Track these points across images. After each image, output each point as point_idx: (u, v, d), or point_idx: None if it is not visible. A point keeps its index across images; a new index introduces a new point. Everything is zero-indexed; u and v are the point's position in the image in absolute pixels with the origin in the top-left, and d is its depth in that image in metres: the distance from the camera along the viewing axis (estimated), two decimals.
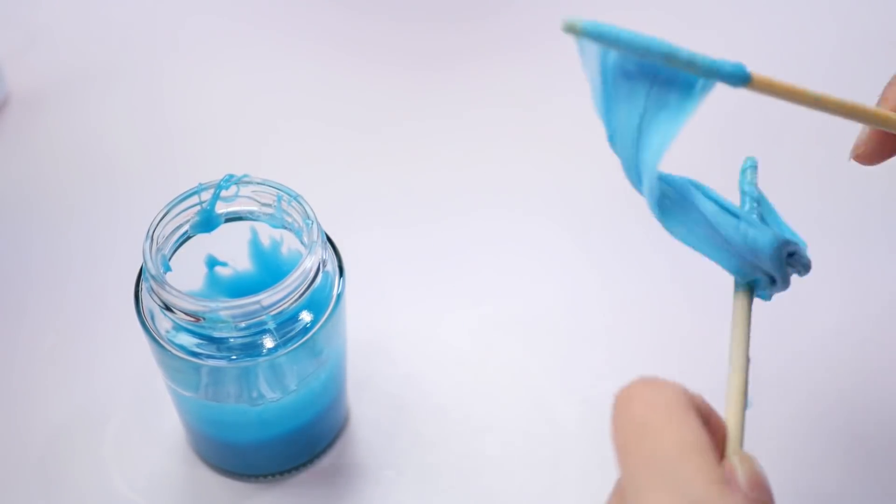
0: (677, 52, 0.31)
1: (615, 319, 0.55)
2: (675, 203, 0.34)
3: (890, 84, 0.39)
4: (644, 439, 0.28)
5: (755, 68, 0.33)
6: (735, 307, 0.34)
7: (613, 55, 0.32)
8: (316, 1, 0.72)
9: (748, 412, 0.32)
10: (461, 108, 0.65)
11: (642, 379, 0.30)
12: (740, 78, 0.32)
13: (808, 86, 0.33)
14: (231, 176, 0.43)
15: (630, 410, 0.30)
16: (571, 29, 0.31)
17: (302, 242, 0.42)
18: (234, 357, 0.41)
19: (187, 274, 0.44)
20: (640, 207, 0.63)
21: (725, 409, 0.32)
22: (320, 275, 0.41)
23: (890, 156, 0.39)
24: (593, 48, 0.32)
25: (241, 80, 0.67)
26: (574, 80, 0.66)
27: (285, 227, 0.44)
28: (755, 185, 0.36)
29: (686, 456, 0.28)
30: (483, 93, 0.66)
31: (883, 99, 0.38)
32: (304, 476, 0.49)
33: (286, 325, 0.41)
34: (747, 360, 0.33)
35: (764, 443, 0.45)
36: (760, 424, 0.50)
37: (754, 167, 0.36)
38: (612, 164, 0.45)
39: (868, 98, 0.64)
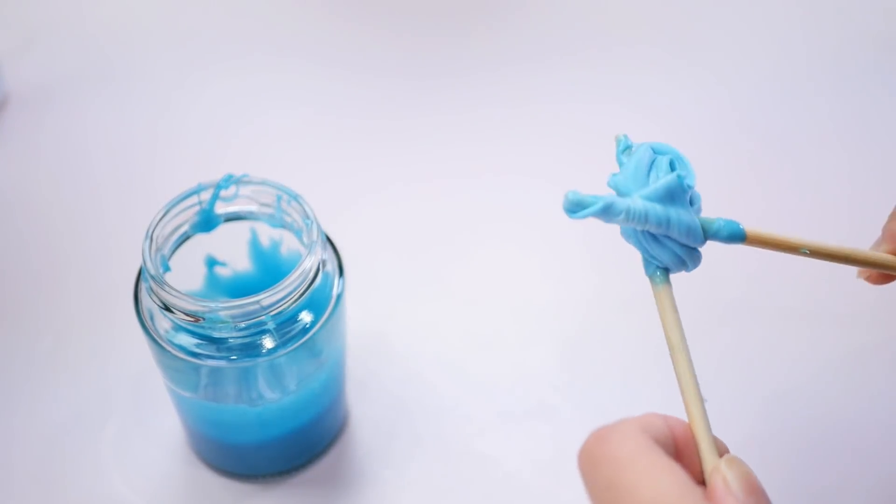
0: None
1: (617, 318, 0.55)
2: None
3: (891, 218, 0.38)
4: (622, 502, 0.28)
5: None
6: (661, 298, 0.33)
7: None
8: (315, 3, 0.72)
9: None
10: (463, 110, 0.65)
11: (597, 434, 0.30)
12: (738, 236, 0.34)
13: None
14: (230, 176, 0.43)
15: (599, 474, 0.29)
16: (576, 205, 0.32)
17: (301, 242, 0.42)
18: (233, 357, 0.41)
19: (187, 274, 0.44)
20: None
21: (687, 413, 0.32)
22: (320, 275, 0.41)
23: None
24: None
25: (242, 80, 0.67)
26: (574, 84, 0.66)
27: (285, 227, 0.44)
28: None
29: None
30: (485, 95, 0.66)
31: (886, 236, 0.37)
32: (303, 476, 0.49)
33: (286, 325, 0.41)
34: (687, 348, 0.33)
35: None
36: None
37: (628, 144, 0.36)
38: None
39: (867, 106, 0.64)
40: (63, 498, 0.48)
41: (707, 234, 0.34)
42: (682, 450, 0.31)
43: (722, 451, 0.31)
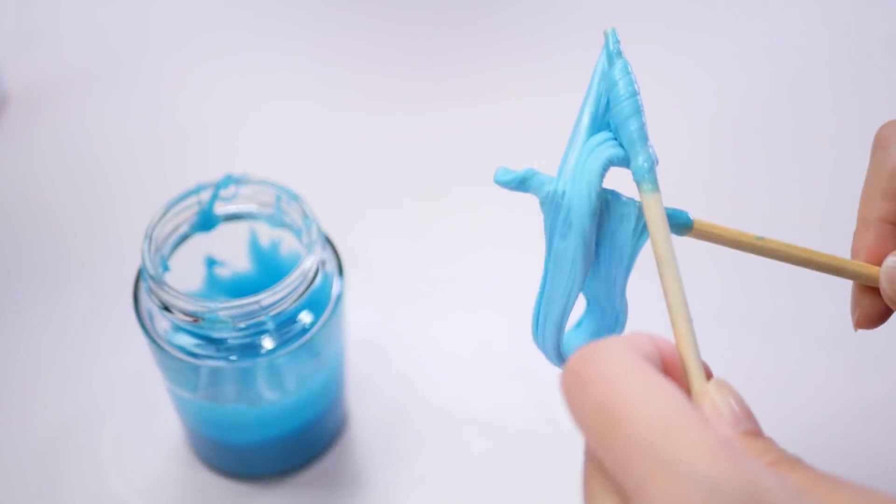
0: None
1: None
2: None
3: (856, 233, 0.36)
4: (618, 426, 0.25)
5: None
6: (651, 206, 0.30)
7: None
8: (315, 2, 0.72)
9: None
10: (462, 109, 0.65)
11: (581, 353, 0.27)
12: (682, 226, 0.32)
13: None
14: (230, 176, 0.42)
15: (587, 395, 0.26)
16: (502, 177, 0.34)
17: (301, 242, 0.42)
18: (232, 358, 0.41)
19: (186, 274, 0.44)
20: None
21: (675, 332, 0.29)
22: (319, 275, 0.41)
23: (888, 315, 0.36)
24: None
25: (241, 81, 0.67)
26: (577, 80, 0.66)
27: (284, 227, 0.43)
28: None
29: (672, 431, 0.24)
30: (489, 95, 0.66)
31: (854, 251, 0.36)
32: (303, 477, 0.49)
33: (285, 325, 0.41)
34: (676, 263, 0.30)
35: None
36: None
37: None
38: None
39: (864, 104, 0.63)
40: (63, 498, 0.48)
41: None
42: (668, 371, 0.29)
43: (708, 375, 0.29)
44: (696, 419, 0.25)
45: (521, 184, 0.34)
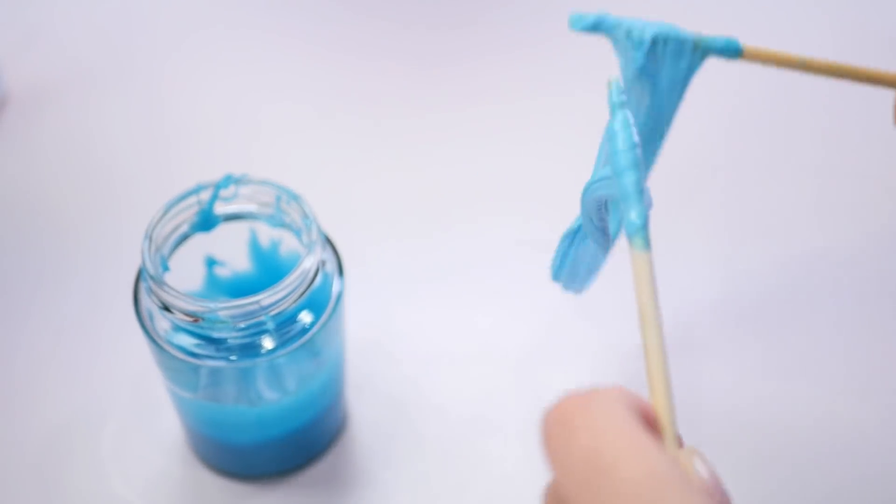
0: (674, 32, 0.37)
1: (617, 322, 0.54)
2: None
3: None
4: (607, 476, 0.25)
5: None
6: (640, 264, 0.31)
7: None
8: (315, 2, 0.72)
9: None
10: (463, 109, 0.65)
11: (574, 400, 0.27)
12: (734, 51, 0.37)
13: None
14: (230, 176, 0.42)
15: (575, 443, 0.26)
16: (577, 23, 0.36)
17: (301, 242, 0.42)
18: (232, 357, 0.41)
19: (186, 274, 0.44)
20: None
21: (653, 393, 0.29)
22: (319, 275, 0.41)
23: None
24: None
25: (241, 81, 0.67)
26: (582, 83, 0.66)
27: (284, 227, 0.43)
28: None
29: (662, 491, 0.25)
30: (486, 94, 0.66)
31: None
32: (302, 477, 0.49)
33: (285, 325, 0.41)
34: (661, 324, 0.30)
35: None
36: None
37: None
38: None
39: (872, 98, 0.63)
40: (62, 498, 0.48)
41: (703, 45, 0.37)
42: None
43: (679, 442, 0.29)
44: (683, 481, 0.25)
45: (595, 27, 0.37)
